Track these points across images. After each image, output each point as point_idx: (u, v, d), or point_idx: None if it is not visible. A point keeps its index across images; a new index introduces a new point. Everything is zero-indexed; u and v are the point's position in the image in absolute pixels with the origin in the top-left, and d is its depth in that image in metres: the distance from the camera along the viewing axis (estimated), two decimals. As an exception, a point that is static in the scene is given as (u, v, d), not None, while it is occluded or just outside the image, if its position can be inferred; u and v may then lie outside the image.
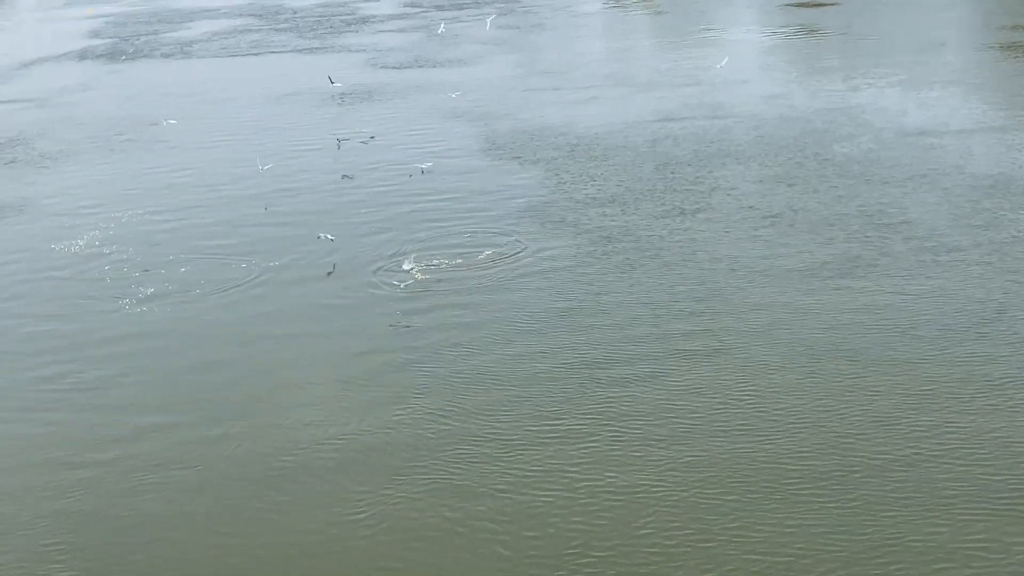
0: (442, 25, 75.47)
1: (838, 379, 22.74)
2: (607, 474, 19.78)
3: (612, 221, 33.79)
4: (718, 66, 53.38)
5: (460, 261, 31.11)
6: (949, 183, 35.57)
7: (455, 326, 26.73)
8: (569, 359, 24.45)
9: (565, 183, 38.36)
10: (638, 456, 20.31)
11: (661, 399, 22.41)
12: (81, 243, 34.52)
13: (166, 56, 77.31)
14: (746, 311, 26.50)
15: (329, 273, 30.95)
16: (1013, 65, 56.81)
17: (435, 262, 31.03)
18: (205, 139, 49.67)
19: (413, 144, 45.91)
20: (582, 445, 20.82)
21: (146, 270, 31.93)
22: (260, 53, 76.08)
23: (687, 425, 21.30)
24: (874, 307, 26.22)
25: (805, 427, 20.92)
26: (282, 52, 75.51)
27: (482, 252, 31.65)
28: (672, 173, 38.76)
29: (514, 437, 21.27)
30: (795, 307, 26.55)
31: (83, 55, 79.81)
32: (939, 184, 35.62)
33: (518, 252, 31.57)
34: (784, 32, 72.33)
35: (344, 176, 36.15)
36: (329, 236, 32.17)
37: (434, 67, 65.20)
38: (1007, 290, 26.72)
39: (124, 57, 77.51)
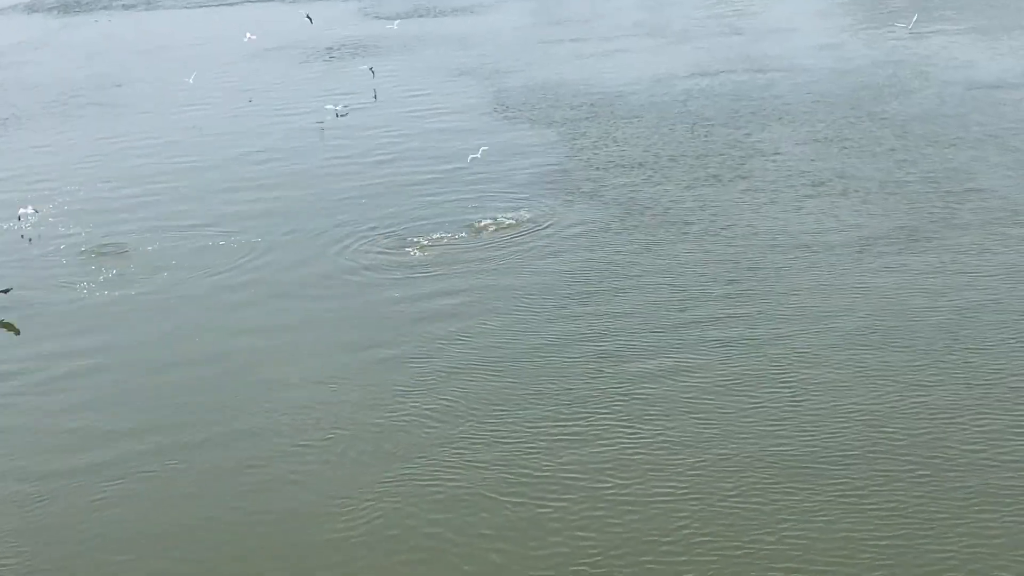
0: None
1: (888, 372, 22.64)
2: (621, 480, 19.83)
3: (635, 191, 33.71)
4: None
5: (464, 236, 31.26)
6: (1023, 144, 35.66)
7: (455, 314, 26.79)
8: (583, 351, 24.48)
9: (583, 148, 38.44)
10: (660, 460, 20.32)
11: (686, 395, 22.40)
12: (30, 221, 34.80)
13: (127, 7, 77.79)
14: (785, 294, 26.40)
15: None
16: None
17: (437, 238, 31.25)
18: (173, 104, 49.91)
19: (415, 105, 46.19)
20: (595, 449, 20.84)
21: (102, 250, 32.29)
22: (237, 2, 76.54)
23: (714, 426, 21.30)
24: (934, 289, 26.10)
25: (849, 426, 20.88)
26: (262, 1, 76.01)
27: (487, 227, 31.83)
28: (706, 136, 38.75)
29: (521, 439, 21.30)
30: (843, 288, 26.36)
31: (32, 7, 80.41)
32: (1011, 145, 35.63)
33: (526, 225, 31.64)
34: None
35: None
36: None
37: (437, 16, 65.49)
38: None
39: (80, 9, 77.93)
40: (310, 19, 52.13)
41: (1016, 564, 17.17)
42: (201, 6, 76.32)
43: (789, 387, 22.43)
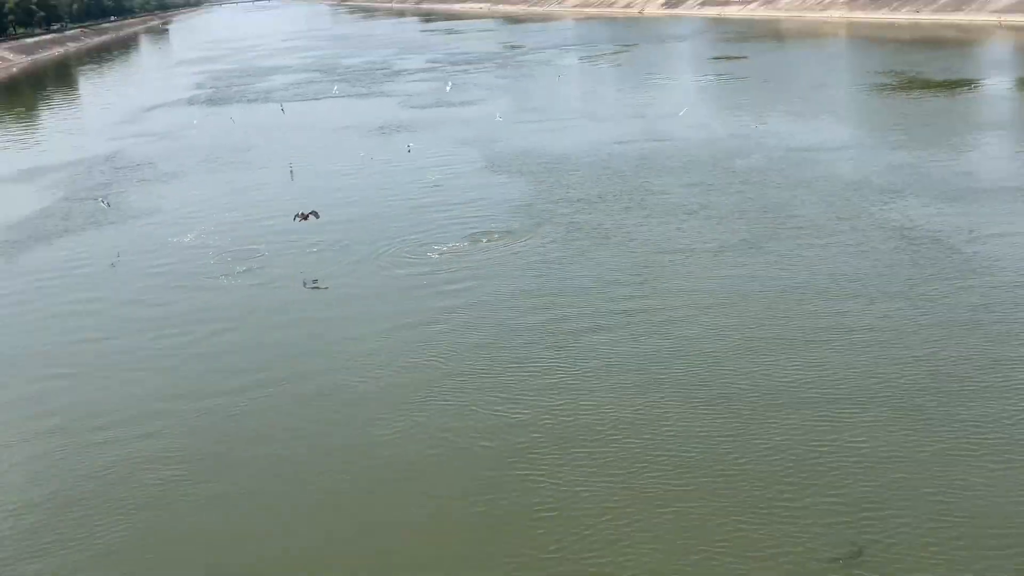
0: (450, 83, 75.60)
1: (727, 323, 23.54)
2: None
3: (576, 217, 34.50)
4: (679, 114, 52.69)
5: (464, 246, 31.84)
6: (822, 186, 36.31)
7: (460, 293, 27.22)
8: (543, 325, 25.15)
9: (543, 190, 39.06)
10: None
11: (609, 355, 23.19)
12: (190, 237, 35.24)
13: (251, 101, 77.90)
14: (670, 281, 27.24)
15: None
16: (877, 101, 57.37)
17: (444, 248, 31.79)
18: (283, 160, 50.18)
19: (433, 160, 46.74)
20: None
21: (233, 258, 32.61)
22: (321, 98, 76.69)
23: (604, 364, 22.06)
24: (762, 275, 26.98)
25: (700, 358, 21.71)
26: (338, 97, 76.13)
27: (482, 239, 32.40)
28: (620, 181, 39.41)
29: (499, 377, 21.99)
30: (705, 277, 27.33)
31: (191, 101, 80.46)
32: (815, 187, 36.30)
33: (507, 237, 32.29)
34: (709, 78, 72.84)
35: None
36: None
37: (446, 107, 65.86)
38: (862, 264, 27.52)
39: (221, 102, 78.06)
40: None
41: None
42: (302, 100, 76.22)
43: (670, 339, 23.17)
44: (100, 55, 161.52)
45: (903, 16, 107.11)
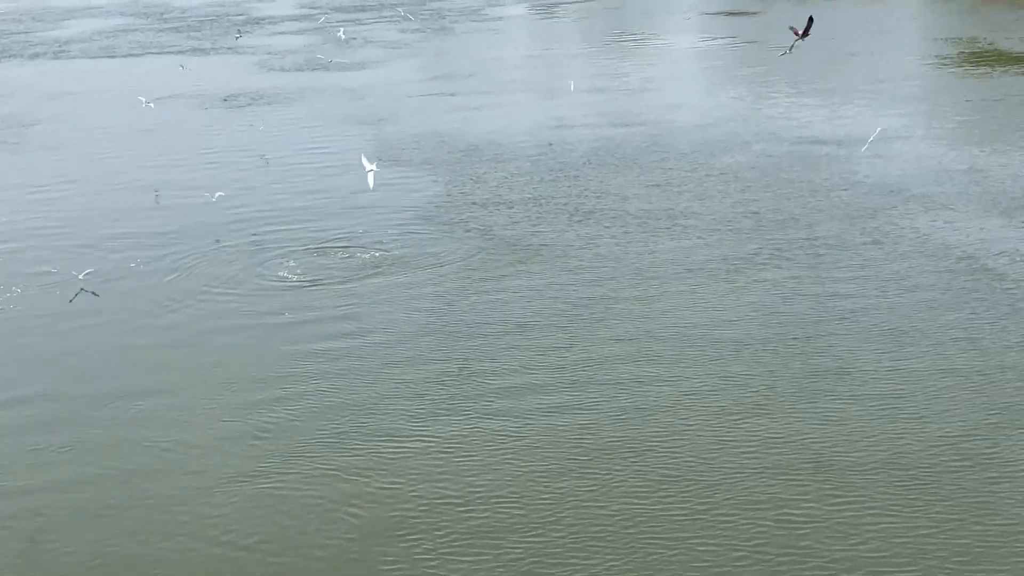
0: (342, 31, 76.99)
1: (688, 386, 24.87)
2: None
3: (497, 228, 35.60)
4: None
5: (340, 264, 32.80)
6: (842, 194, 37.99)
7: (329, 335, 28.23)
8: (438, 370, 26.17)
9: (448, 188, 40.24)
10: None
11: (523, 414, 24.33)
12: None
13: (36, 56, 78.16)
14: (615, 322, 28.47)
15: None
16: (933, 77, 59.63)
17: (317, 264, 32.76)
18: (74, 142, 50.64)
19: (302, 147, 47.64)
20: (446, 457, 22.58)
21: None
22: (143, 54, 77.27)
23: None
24: (745, 319, 28.37)
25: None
26: (167, 54, 76.79)
27: (363, 255, 33.45)
28: (566, 180, 40.72)
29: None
30: (660, 299, 28.96)
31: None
32: (832, 195, 38.00)
33: (402, 253, 33.35)
34: (704, 40, 74.99)
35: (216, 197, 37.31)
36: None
37: (329, 71, 66.82)
38: (896, 304, 29.10)
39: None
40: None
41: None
42: (112, 56, 76.67)
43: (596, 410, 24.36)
44: None
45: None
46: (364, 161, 32.88)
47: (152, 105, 49.92)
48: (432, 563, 18.53)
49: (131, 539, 19.73)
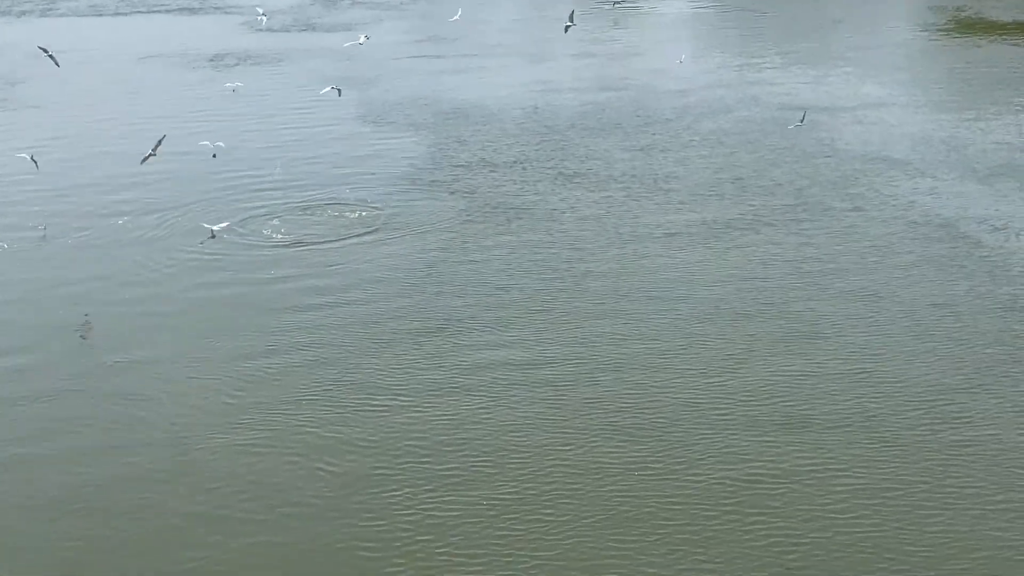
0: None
1: (668, 345, 25.16)
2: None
3: (482, 186, 35.86)
4: (678, 62, 53.82)
5: (325, 223, 33.02)
6: (825, 160, 38.24)
7: (311, 292, 28.45)
8: (417, 328, 26.38)
9: (433, 150, 40.40)
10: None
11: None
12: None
13: (24, 14, 77.84)
14: (598, 277, 28.77)
15: (208, 238, 32.02)
16: (920, 44, 59.80)
17: (302, 224, 33.02)
18: (62, 101, 50.61)
19: (288, 107, 47.73)
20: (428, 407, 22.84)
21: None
22: (131, 13, 76.99)
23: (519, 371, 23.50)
24: (725, 280, 28.69)
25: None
26: (156, 12, 76.56)
27: (348, 214, 33.71)
28: (551, 142, 40.93)
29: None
30: (639, 260, 29.27)
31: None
32: (814, 161, 38.23)
33: (386, 215, 33.58)
34: (689, 6, 75.00)
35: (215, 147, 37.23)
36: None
37: (316, 31, 66.70)
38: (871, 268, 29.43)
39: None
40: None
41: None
42: (100, 15, 76.24)
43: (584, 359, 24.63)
44: None
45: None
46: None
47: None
48: (408, 514, 18.79)
49: (111, 487, 19.92)
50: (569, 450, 20.60)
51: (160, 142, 30.02)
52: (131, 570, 17.78)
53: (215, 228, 30.61)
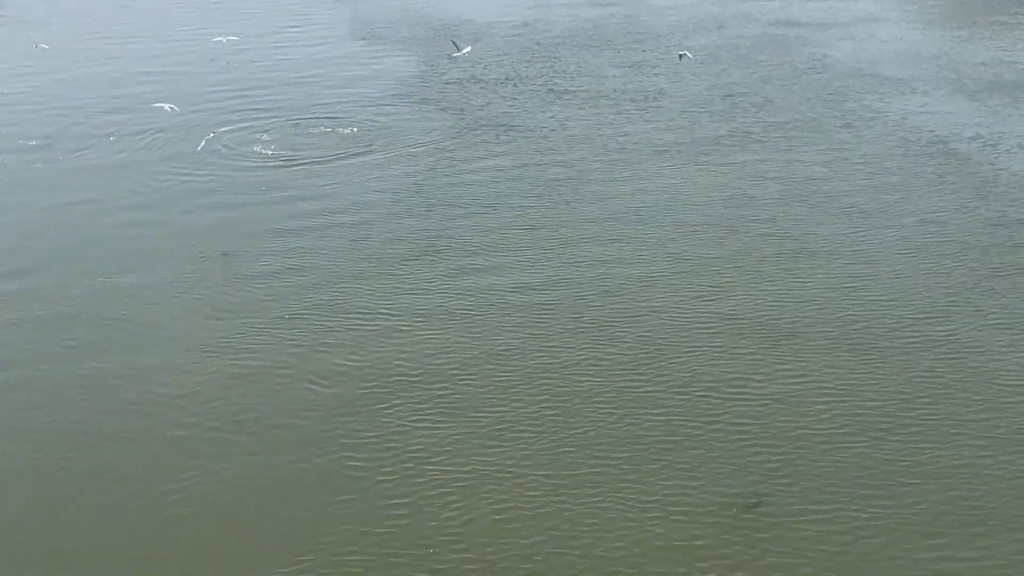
0: None
1: (658, 253, 25.22)
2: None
3: (469, 105, 35.76)
4: None
5: (314, 141, 32.95)
6: (815, 75, 38.07)
7: (300, 213, 28.45)
8: (406, 249, 26.44)
9: (423, 67, 40.20)
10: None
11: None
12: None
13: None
14: (588, 191, 28.78)
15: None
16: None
17: (291, 141, 32.93)
18: (48, 20, 50.22)
19: (278, 24, 47.40)
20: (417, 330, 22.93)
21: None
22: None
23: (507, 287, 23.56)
24: (715, 192, 28.68)
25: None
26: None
27: (338, 131, 33.64)
28: (541, 59, 40.76)
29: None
30: (624, 172, 29.31)
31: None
32: (806, 76, 38.06)
33: (362, 134, 33.48)
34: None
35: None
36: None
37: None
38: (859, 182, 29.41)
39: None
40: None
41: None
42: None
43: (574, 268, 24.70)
44: None
45: None
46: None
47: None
48: (397, 436, 18.87)
49: (101, 413, 19.97)
50: (556, 372, 20.69)
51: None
52: (119, 496, 17.86)
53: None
